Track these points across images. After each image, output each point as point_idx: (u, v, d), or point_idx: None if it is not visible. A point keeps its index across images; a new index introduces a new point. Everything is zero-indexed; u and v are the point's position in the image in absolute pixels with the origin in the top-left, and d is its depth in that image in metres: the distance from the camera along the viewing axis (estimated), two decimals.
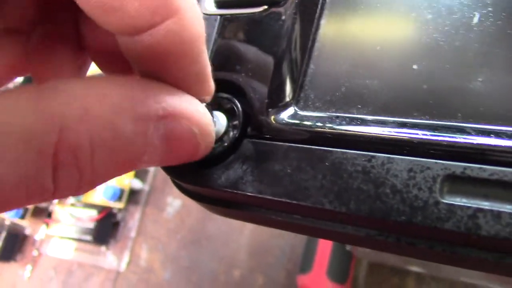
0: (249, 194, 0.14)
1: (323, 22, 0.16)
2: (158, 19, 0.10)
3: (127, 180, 0.54)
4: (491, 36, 0.13)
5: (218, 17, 0.17)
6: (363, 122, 0.14)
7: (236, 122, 0.16)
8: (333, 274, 0.39)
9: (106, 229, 0.53)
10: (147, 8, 0.10)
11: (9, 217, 0.57)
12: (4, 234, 0.58)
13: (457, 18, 0.14)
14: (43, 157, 0.10)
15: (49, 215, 0.56)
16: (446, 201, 0.12)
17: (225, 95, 0.16)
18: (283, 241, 0.47)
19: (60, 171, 0.10)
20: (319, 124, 0.14)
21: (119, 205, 0.53)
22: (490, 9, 0.14)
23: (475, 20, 0.14)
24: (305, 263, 0.40)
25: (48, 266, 0.56)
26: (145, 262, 0.51)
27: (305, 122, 0.14)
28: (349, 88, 0.15)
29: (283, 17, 0.16)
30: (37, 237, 0.57)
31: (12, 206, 0.10)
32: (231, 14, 0.17)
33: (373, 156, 0.13)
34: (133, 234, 0.53)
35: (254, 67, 0.16)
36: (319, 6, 0.16)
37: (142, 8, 0.10)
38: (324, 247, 0.40)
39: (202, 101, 0.13)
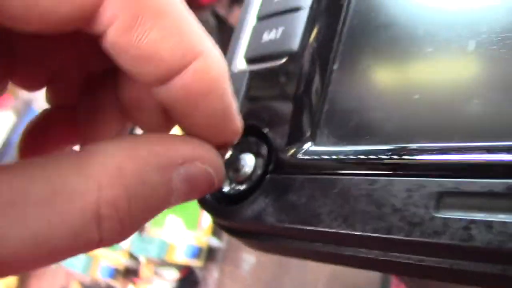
0: (270, 224, 0.16)
1: (335, 67, 0.18)
2: (187, 61, 0.12)
3: (205, 238, 0.56)
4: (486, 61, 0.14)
5: (247, 72, 0.20)
6: (367, 151, 0.15)
7: (261, 163, 0.18)
8: None
9: (187, 287, 0.56)
10: (178, 51, 0.12)
11: (103, 277, 0.62)
12: None
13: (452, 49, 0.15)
14: (87, 213, 0.11)
15: (135, 273, 0.60)
16: (441, 216, 0.12)
17: (252, 139, 0.18)
18: None
19: (103, 223, 0.11)
20: (329, 156, 0.16)
21: (198, 263, 0.56)
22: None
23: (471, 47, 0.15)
24: None
25: None
26: None
27: (318, 156, 0.16)
28: (357, 122, 0.16)
29: (301, 66, 0.18)
30: None
31: (65, 256, 0.12)
32: (258, 69, 0.20)
33: (375, 180, 0.14)
34: None
35: (276, 112, 0.18)
36: (333, 54, 0.18)
37: (174, 52, 0.12)
38: None
39: (231, 142, 0.15)
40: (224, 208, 0.17)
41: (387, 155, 0.14)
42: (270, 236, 0.17)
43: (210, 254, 0.57)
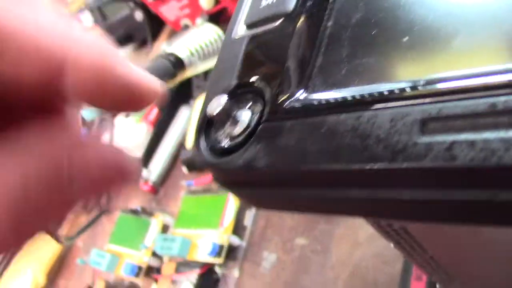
0: (261, 169, 0.16)
1: (329, 23, 0.18)
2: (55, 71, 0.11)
3: (226, 236, 0.56)
4: None
5: (246, 37, 0.20)
6: (353, 91, 0.15)
7: (256, 116, 0.18)
8: None
9: (208, 285, 0.56)
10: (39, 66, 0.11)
11: (126, 275, 0.63)
12: None
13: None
14: None
15: (158, 271, 0.61)
16: (424, 141, 0.12)
17: (248, 96, 0.18)
18: None
19: None
20: (317, 100, 0.16)
21: (219, 260, 0.56)
22: None
23: None
24: None
25: None
26: None
27: (307, 102, 0.16)
28: (348, 69, 0.16)
29: (295, 25, 0.19)
30: None
31: None
32: (255, 33, 0.20)
33: (360, 115, 0.14)
34: None
35: (271, 68, 0.18)
36: (328, 12, 0.18)
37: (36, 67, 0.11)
38: None
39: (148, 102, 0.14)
40: (219, 160, 0.18)
41: (372, 91, 0.14)
42: (262, 185, 0.17)
43: (230, 252, 0.57)
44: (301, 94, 0.17)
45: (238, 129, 0.18)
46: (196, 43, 0.67)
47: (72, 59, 0.11)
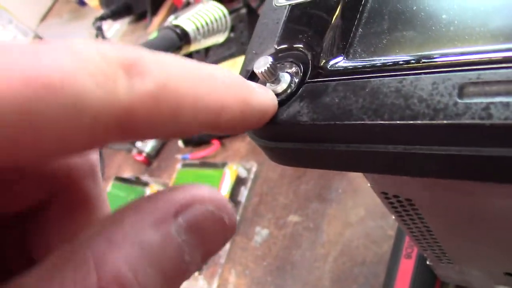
0: (304, 123, 0.17)
1: None
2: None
3: None
4: None
5: (287, 5, 0.22)
6: (397, 58, 0.16)
7: (297, 78, 0.19)
8: None
9: None
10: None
11: None
12: None
13: None
14: None
15: None
16: (463, 101, 0.14)
17: (290, 59, 0.20)
18: (366, 269, 0.47)
19: None
20: (360, 63, 0.17)
21: None
22: None
23: None
24: (387, 285, 0.40)
25: None
26: (233, 286, 0.54)
27: (350, 64, 0.18)
28: (389, 40, 0.18)
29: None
30: None
31: None
32: (296, 2, 0.22)
33: (404, 78, 0.16)
34: (222, 260, 0.57)
35: (312, 35, 0.20)
36: None
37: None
38: (405, 268, 0.39)
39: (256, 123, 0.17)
40: None
41: (416, 58, 0.16)
42: (300, 139, 0.18)
43: None
44: (343, 60, 0.18)
45: (279, 88, 0.19)
46: (201, 18, 0.68)
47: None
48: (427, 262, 0.36)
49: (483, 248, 0.28)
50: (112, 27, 1.27)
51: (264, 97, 0.17)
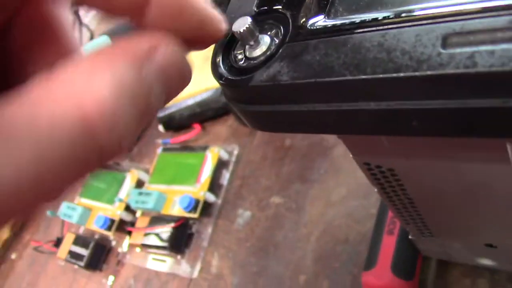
0: (284, 82, 0.17)
1: None
2: None
3: (202, 193, 0.58)
4: None
5: None
6: (379, 14, 0.16)
7: (277, 40, 0.19)
8: (398, 270, 0.38)
9: (181, 239, 0.57)
10: None
11: (98, 228, 0.63)
12: (92, 244, 0.64)
13: None
14: (74, 119, 0.10)
15: (132, 224, 0.61)
16: (448, 51, 0.14)
17: (270, 21, 0.19)
18: (349, 247, 0.47)
19: (96, 128, 0.10)
20: (342, 21, 0.17)
21: (194, 215, 0.57)
22: None
23: None
24: (369, 261, 0.40)
25: (129, 276, 0.61)
26: (216, 269, 0.54)
27: (332, 22, 0.17)
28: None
29: None
30: (120, 248, 0.62)
31: (66, 178, 0.10)
32: None
33: (386, 33, 0.15)
34: (205, 243, 0.56)
35: None
36: None
37: None
38: (388, 244, 0.40)
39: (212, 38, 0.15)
40: (241, 78, 0.19)
41: (399, 12, 0.15)
42: (282, 101, 0.18)
43: (205, 209, 0.58)
44: (324, 18, 0.18)
45: (259, 51, 0.19)
46: None
47: None
48: (409, 237, 0.36)
49: (464, 219, 0.29)
50: (90, 12, 1.24)
51: (209, 7, 0.15)
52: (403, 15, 0.15)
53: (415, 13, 0.15)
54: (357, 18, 0.17)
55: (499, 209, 0.26)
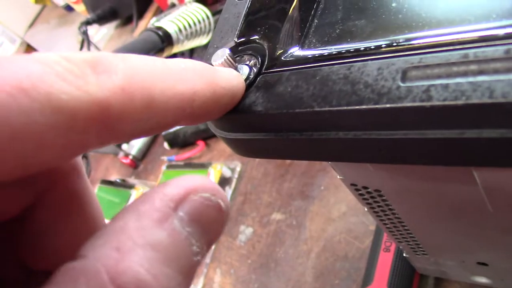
0: (259, 112, 0.18)
1: None
2: None
3: None
4: None
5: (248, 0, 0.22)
6: (346, 46, 0.17)
7: (255, 70, 0.19)
8: (394, 287, 0.38)
9: None
10: None
11: None
12: None
13: None
14: None
15: None
16: (406, 85, 0.14)
17: (248, 52, 0.20)
18: (348, 264, 0.47)
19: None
20: (313, 53, 0.18)
21: None
22: None
23: None
24: (367, 278, 0.40)
25: None
26: (218, 286, 0.54)
27: (304, 54, 0.18)
28: (342, 29, 0.18)
29: None
30: None
31: None
32: None
33: (352, 65, 0.16)
34: (208, 260, 0.57)
35: (270, 27, 0.20)
36: None
37: None
38: (384, 261, 0.40)
39: None
40: None
41: (362, 46, 0.16)
42: (260, 129, 0.18)
43: None
44: (298, 49, 0.18)
45: None
46: (184, 20, 0.68)
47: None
48: (404, 255, 0.36)
49: (454, 238, 0.29)
50: (99, 32, 1.27)
51: (229, 75, 0.17)
52: (367, 47, 0.16)
53: (378, 46, 0.16)
54: (327, 50, 0.17)
55: (486, 230, 0.26)
